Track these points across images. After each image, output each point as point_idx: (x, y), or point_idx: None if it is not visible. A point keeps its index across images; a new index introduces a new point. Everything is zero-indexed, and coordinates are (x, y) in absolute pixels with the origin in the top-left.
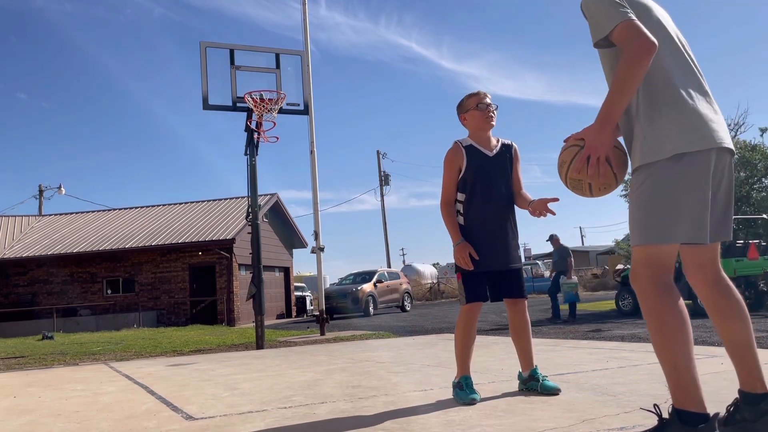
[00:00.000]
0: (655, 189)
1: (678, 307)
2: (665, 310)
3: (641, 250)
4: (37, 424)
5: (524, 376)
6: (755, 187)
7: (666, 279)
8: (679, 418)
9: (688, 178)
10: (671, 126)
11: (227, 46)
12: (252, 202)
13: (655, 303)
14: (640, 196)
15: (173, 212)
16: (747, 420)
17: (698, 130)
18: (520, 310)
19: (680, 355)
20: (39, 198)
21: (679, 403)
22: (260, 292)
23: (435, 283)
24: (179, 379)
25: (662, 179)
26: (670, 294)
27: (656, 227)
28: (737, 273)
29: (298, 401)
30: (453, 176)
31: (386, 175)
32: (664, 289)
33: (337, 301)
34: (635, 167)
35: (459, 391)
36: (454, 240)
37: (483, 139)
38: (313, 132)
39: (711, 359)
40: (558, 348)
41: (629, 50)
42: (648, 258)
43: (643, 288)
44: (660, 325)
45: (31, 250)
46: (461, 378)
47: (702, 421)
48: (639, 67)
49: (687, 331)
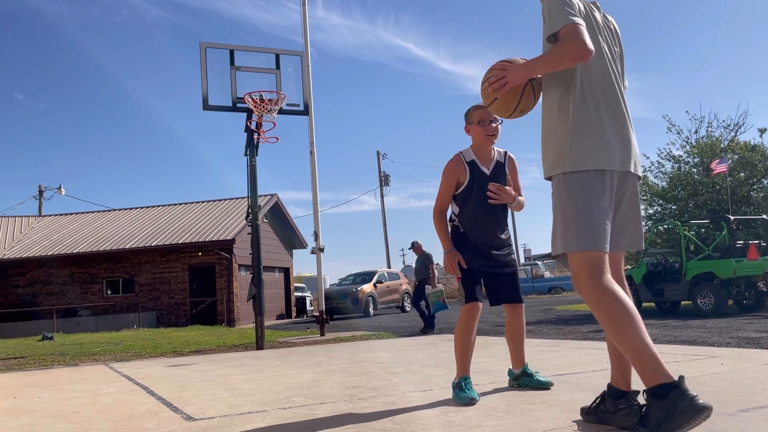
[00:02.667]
0: (576, 199)
1: (620, 296)
2: (609, 300)
3: (576, 256)
4: (36, 425)
5: (516, 373)
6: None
7: (604, 276)
8: (653, 396)
9: (600, 192)
10: (596, 144)
11: (227, 47)
12: (252, 203)
13: (599, 298)
14: (563, 204)
15: (173, 212)
16: (608, 411)
17: (612, 152)
18: (517, 315)
19: (635, 335)
20: (39, 198)
21: (650, 381)
22: (260, 292)
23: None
24: (179, 379)
25: (582, 190)
26: (610, 287)
27: (587, 235)
28: (737, 273)
29: (298, 402)
30: (450, 187)
31: (386, 175)
32: (604, 284)
33: (337, 301)
34: (556, 173)
35: (458, 392)
36: (445, 248)
37: (484, 153)
38: (313, 132)
39: (711, 359)
40: (558, 348)
41: (569, 47)
42: (584, 262)
43: (587, 288)
44: (608, 315)
45: (31, 250)
46: (461, 379)
47: (672, 389)
48: (568, 62)
49: (634, 313)
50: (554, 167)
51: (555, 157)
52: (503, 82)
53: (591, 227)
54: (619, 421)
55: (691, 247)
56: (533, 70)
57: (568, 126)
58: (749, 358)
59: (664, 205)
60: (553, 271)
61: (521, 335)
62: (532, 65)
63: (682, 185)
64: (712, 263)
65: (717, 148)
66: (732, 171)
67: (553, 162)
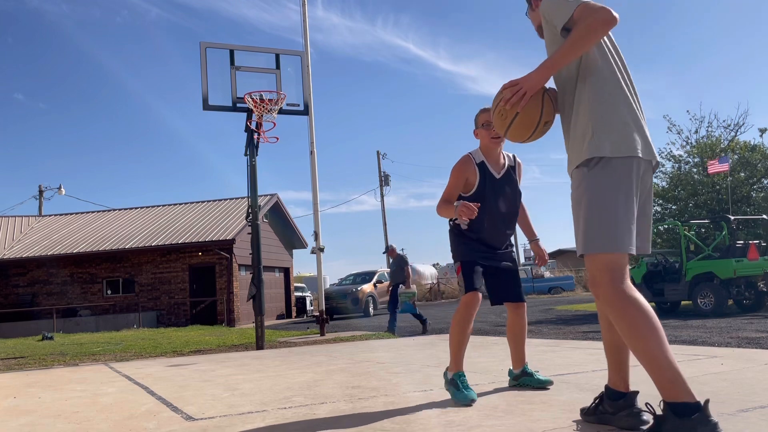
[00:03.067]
0: (599, 192)
1: (644, 306)
2: (633, 310)
3: (598, 257)
4: (37, 425)
5: (516, 373)
6: (755, 187)
7: (626, 281)
8: (673, 411)
9: (627, 183)
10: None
11: (227, 47)
12: (252, 203)
13: (622, 308)
14: (585, 200)
15: (173, 212)
16: (607, 412)
17: (637, 139)
18: (520, 314)
19: (657, 347)
20: (39, 198)
21: (670, 396)
22: (260, 292)
23: (435, 284)
24: (179, 379)
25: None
26: (633, 295)
27: (610, 235)
28: (737, 273)
29: (298, 402)
30: (459, 185)
31: (386, 175)
32: (626, 291)
33: (337, 301)
34: (577, 164)
35: (455, 391)
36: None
37: (492, 156)
38: (313, 132)
39: (711, 359)
40: (558, 348)
41: (594, 17)
42: (606, 264)
43: (609, 296)
44: (631, 325)
45: (31, 250)
46: (455, 375)
47: (695, 410)
48: (599, 32)
49: (657, 324)
50: (577, 158)
51: (577, 148)
52: (521, 93)
53: (614, 226)
54: (620, 421)
55: (691, 247)
56: (552, 65)
57: (588, 116)
58: (749, 358)
59: (664, 204)
60: (553, 271)
61: (523, 335)
62: (550, 60)
63: (682, 185)
64: (712, 263)
65: (717, 148)
66: (732, 171)
67: (576, 154)
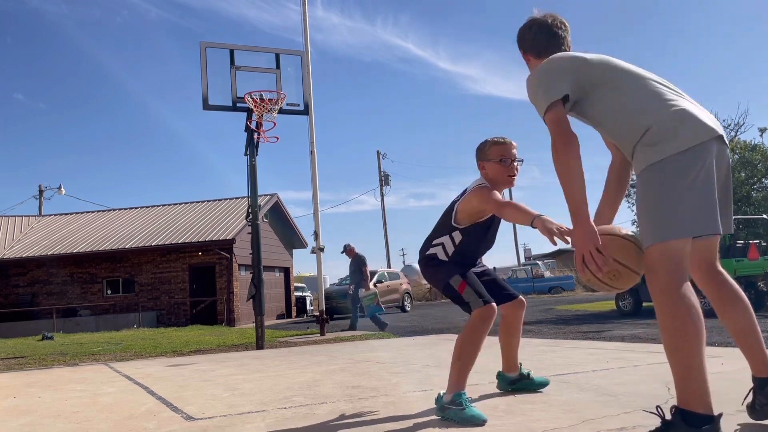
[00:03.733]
0: (664, 184)
1: (697, 310)
2: (684, 311)
3: (658, 248)
4: (36, 425)
5: (511, 377)
6: (755, 187)
7: (684, 278)
8: (683, 419)
9: (698, 170)
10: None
11: (227, 47)
12: (252, 203)
13: (674, 305)
14: (649, 193)
15: (173, 212)
16: (765, 404)
17: (698, 121)
18: (519, 313)
19: (695, 356)
20: (39, 198)
21: (686, 404)
22: (260, 292)
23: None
24: (179, 379)
25: (672, 173)
26: (688, 295)
27: (672, 222)
28: (737, 273)
29: (298, 402)
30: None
31: (386, 175)
32: (682, 290)
33: (337, 301)
34: (642, 168)
35: (463, 411)
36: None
37: (499, 191)
38: (313, 132)
39: (712, 359)
40: (558, 348)
41: (553, 148)
42: (666, 255)
43: (663, 288)
44: (678, 327)
45: (31, 250)
46: (455, 395)
47: (707, 423)
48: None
49: (703, 333)
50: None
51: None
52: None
53: (676, 212)
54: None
55: None
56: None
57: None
58: None
59: None
60: (553, 271)
61: (518, 334)
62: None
63: None
64: None
65: None
66: (732, 171)
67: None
